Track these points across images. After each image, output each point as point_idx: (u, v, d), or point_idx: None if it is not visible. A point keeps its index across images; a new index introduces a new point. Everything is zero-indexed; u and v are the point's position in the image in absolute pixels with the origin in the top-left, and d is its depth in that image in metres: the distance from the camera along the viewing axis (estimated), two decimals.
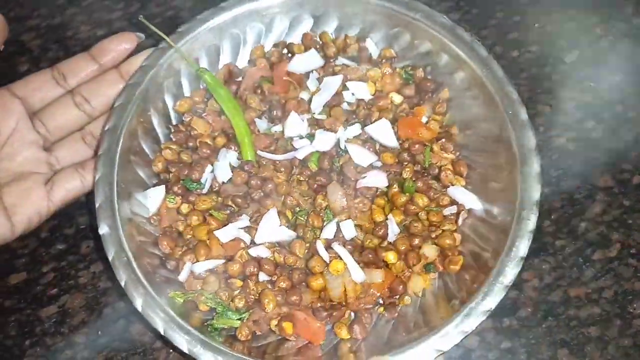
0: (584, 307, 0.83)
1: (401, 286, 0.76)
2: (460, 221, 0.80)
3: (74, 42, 1.12)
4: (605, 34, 1.06)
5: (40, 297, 0.86)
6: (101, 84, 0.86)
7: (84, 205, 0.92)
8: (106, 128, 0.81)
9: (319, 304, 0.75)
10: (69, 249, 0.89)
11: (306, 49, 0.93)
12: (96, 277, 0.87)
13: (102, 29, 1.13)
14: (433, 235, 0.80)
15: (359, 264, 0.75)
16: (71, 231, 0.91)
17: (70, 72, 0.87)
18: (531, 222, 0.72)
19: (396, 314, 0.76)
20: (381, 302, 0.77)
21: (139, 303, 0.69)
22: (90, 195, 0.82)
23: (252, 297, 0.74)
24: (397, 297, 0.77)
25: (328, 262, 0.75)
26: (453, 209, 0.81)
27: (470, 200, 0.81)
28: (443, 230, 0.79)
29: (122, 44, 0.86)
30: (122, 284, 0.71)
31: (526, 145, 0.77)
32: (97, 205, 0.76)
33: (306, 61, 0.91)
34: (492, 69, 0.82)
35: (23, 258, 0.90)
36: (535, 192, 0.74)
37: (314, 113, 0.87)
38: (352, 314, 0.76)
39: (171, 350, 0.81)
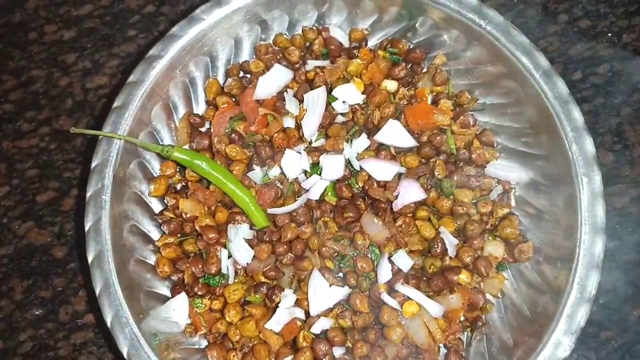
0: None
1: (479, 295, 0.69)
2: (512, 201, 0.72)
3: (38, 47, 0.91)
4: None
5: None
6: None
7: (59, 263, 0.80)
8: (90, 260, 0.67)
9: (405, 351, 0.68)
10: (46, 314, 0.79)
11: (266, 65, 0.78)
12: (77, 349, 0.77)
13: (71, 30, 0.92)
14: (489, 226, 0.72)
15: (430, 296, 0.67)
16: (48, 294, 0.80)
17: None
18: (597, 181, 0.64)
19: (485, 327, 0.69)
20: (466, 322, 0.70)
21: None
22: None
23: None
24: (479, 310, 0.70)
25: (399, 308, 0.66)
26: (499, 190, 0.73)
27: (513, 172, 0.73)
28: (501, 219, 0.71)
29: None
30: None
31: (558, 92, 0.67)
32: (126, 356, 0.64)
33: (272, 80, 0.76)
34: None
35: None
36: (590, 148, 0.65)
37: (310, 142, 0.74)
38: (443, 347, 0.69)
39: None
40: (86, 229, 0.68)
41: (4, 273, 0.80)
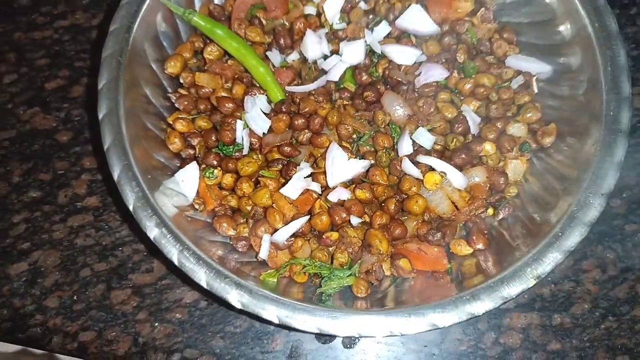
0: None
1: (502, 178, 0.67)
2: (535, 89, 0.71)
3: None
4: None
5: (10, 251, 0.71)
6: None
7: (62, 147, 0.75)
8: (101, 116, 0.64)
9: (425, 228, 0.64)
10: (44, 197, 0.74)
11: None
12: (73, 232, 0.72)
13: None
14: (510, 114, 0.71)
15: None
16: (47, 177, 0.75)
17: None
18: (622, 56, 0.64)
19: (508, 208, 0.67)
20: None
21: (235, 300, 0.56)
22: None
23: (355, 246, 0.62)
24: (502, 191, 0.67)
25: (421, 178, 0.64)
26: (520, 80, 0.72)
27: (534, 64, 0.72)
28: (521, 106, 0.70)
29: None
30: (204, 284, 0.57)
31: None
32: (132, 208, 0.60)
33: None
34: None
35: None
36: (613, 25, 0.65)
37: (332, 24, 0.74)
38: (463, 228, 0.66)
39: (156, 324, 0.67)
40: (99, 87, 0.65)
41: (3, 155, 0.76)
